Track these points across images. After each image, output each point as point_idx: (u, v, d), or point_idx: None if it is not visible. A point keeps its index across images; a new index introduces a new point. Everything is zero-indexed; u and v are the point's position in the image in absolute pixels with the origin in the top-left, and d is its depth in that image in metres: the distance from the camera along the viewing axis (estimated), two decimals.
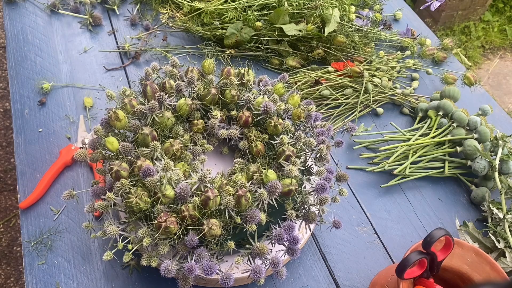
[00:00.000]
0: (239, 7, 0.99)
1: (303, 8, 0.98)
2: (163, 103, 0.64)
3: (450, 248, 0.60)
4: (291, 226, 0.58)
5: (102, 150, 0.61)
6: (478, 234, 0.77)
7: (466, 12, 2.65)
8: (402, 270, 0.56)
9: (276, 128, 0.65)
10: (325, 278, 0.72)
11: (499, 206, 0.79)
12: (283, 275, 0.57)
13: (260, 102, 0.67)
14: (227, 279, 0.54)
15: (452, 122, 0.89)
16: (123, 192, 0.55)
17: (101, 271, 0.68)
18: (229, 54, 1.00)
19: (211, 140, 0.71)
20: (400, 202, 0.84)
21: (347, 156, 0.89)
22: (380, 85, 0.98)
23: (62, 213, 0.73)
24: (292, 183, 0.59)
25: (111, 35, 1.03)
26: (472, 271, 0.64)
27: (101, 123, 0.64)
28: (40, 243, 0.70)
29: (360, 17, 1.12)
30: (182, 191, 0.54)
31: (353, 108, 0.96)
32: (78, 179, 0.77)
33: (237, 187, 0.57)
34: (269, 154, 0.66)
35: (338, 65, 0.99)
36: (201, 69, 0.72)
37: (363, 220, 0.80)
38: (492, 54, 2.64)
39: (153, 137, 0.62)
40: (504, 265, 0.71)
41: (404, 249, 0.77)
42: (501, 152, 0.84)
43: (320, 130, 0.67)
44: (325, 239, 0.76)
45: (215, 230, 0.54)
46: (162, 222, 0.53)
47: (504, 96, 2.39)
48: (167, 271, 0.53)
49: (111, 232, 0.55)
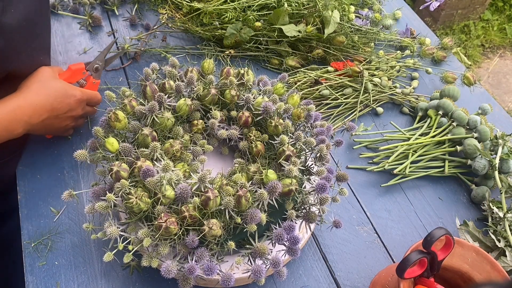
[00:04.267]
0: (239, 8, 0.99)
1: (302, 8, 0.98)
2: (163, 103, 0.64)
3: (451, 248, 0.60)
4: (292, 226, 0.58)
5: (102, 151, 0.61)
6: (479, 233, 0.77)
7: (466, 11, 2.65)
8: (402, 269, 0.56)
9: (276, 128, 0.65)
10: (325, 278, 0.72)
11: (499, 205, 0.79)
12: (283, 275, 0.57)
13: (260, 102, 0.67)
14: (227, 279, 0.54)
15: (452, 121, 0.89)
16: (123, 192, 0.55)
17: (101, 271, 0.68)
18: (228, 54, 1.00)
19: (211, 141, 0.71)
20: (400, 202, 0.84)
21: (347, 156, 0.89)
22: (380, 85, 0.98)
23: (62, 213, 0.73)
24: (292, 183, 0.59)
25: (110, 35, 1.03)
26: (473, 270, 0.64)
27: (100, 124, 0.64)
28: (41, 244, 0.70)
29: (360, 17, 1.12)
30: (182, 192, 0.54)
31: (353, 107, 0.96)
32: (79, 179, 0.77)
33: (237, 187, 0.57)
34: (269, 154, 0.66)
35: (337, 64, 0.99)
36: (200, 70, 0.72)
37: (364, 219, 0.80)
38: (492, 53, 2.64)
39: (153, 137, 0.62)
40: (505, 264, 0.71)
41: (404, 249, 0.77)
42: (501, 151, 0.84)
43: (320, 130, 0.67)
44: (325, 239, 0.76)
45: (216, 230, 0.54)
46: (162, 222, 0.53)
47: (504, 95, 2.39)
48: (168, 272, 0.53)
49: (112, 233, 0.55)
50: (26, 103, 0.66)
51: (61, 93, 0.70)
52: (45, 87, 0.68)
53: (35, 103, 0.67)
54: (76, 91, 0.72)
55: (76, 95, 0.72)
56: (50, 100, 0.69)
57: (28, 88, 0.68)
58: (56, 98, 0.69)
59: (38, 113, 0.67)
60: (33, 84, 0.68)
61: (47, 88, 0.69)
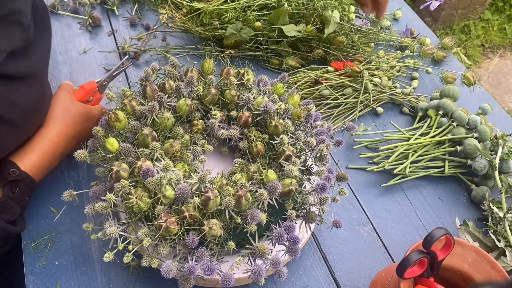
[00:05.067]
0: (239, 8, 0.99)
1: (302, 8, 0.98)
2: (163, 103, 0.64)
3: (451, 248, 0.60)
4: (292, 226, 0.58)
5: (102, 151, 0.61)
6: (479, 233, 0.77)
7: (466, 11, 2.65)
8: (402, 269, 0.56)
9: (276, 128, 0.65)
10: (325, 278, 0.72)
11: (499, 205, 0.79)
12: (283, 275, 0.57)
13: (260, 102, 0.67)
14: (227, 279, 0.54)
15: (452, 121, 0.89)
16: (123, 193, 0.55)
17: (101, 271, 0.68)
18: (228, 54, 1.00)
19: (211, 141, 0.71)
20: (400, 202, 0.84)
21: (347, 156, 0.89)
22: (380, 85, 0.98)
23: (62, 213, 0.73)
24: (292, 183, 0.59)
25: (110, 35, 1.03)
26: (473, 270, 0.64)
27: (100, 124, 0.64)
28: (41, 244, 0.70)
29: (360, 17, 1.12)
30: (182, 192, 0.54)
31: (353, 107, 0.96)
32: (79, 179, 0.77)
33: (237, 187, 0.57)
34: (269, 154, 0.66)
35: (337, 64, 0.99)
36: (200, 70, 0.72)
37: (364, 219, 0.80)
38: (492, 53, 2.64)
39: (153, 137, 0.62)
40: (505, 264, 0.71)
41: (404, 249, 0.77)
42: (501, 151, 0.84)
43: (320, 130, 0.67)
44: (325, 239, 0.76)
45: (216, 230, 0.54)
46: (162, 222, 0.53)
47: (504, 95, 2.39)
48: (168, 272, 0.53)
49: (112, 233, 0.55)
50: (59, 137, 0.69)
51: (84, 118, 0.73)
52: (70, 116, 0.71)
53: (66, 134, 0.70)
54: (94, 112, 0.76)
55: (95, 116, 0.76)
56: (77, 128, 0.72)
57: (56, 121, 0.70)
58: (81, 124, 0.73)
59: (69, 143, 0.71)
60: (59, 115, 0.71)
61: (73, 116, 0.72)
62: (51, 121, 0.70)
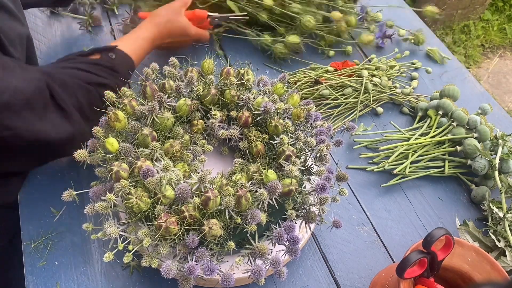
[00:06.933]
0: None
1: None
2: (163, 103, 0.64)
3: (451, 248, 0.60)
4: (291, 226, 0.58)
5: (102, 151, 0.61)
6: (479, 233, 0.77)
7: (466, 11, 2.65)
8: (402, 269, 0.56)
9: (276, 128, 0.65)
10: (325, 278, 0.72)
11: (499, 205, 0.79)
12: (283, 275, 0.57)
13: (260, 102, 0.67)
14: (227, 280, 0.54)
15: (452, 121, 0.89)
16: (123, 193, 0.55)
17: (101, 271, 0.68)
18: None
19: (211, 141, 0.71)
20: (400, 202, 0.84)
21: (347, 156, 0.89)
22: (380, 85, 0.98)
23: (62, 213, 0.73)
24: (292, 183, 0.59)
25: (110, 35, 1.03)
26: (473, 271, 0.64)
27: (100, 124, 0.64)
28: (41, 244, 0.70)
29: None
30: (182, 192, 0.54)
31: (353, 107, 0.96)
32: (79, 179, 0.77)
33: (237, 188, 0.57)
34: (269, 154, 0.66)
35: (337, 64, 0.99)
36: (200, 70, 0.72)
37: (364, 219, 0.80)
38: (491, 53, 2.64)
39: (153, 137, 0.62)
40: (505, 264, 0.71)
41: (404, 249, 0.77)
42: (501, 151, 0.84)
43: (320, 130, 0.67)
44: (325, 239, 0.76)
45: (216, 230, 0.54)
46: (162, 222, 0.53)
47: (504, 95, 2.39)
48: (168, 272, 0.53)
49: (112, 233, 0.55)
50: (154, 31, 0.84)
51: (180, 32, 0.88)
52: (171, 22, 0.86)
53: (160, 31, 0.85)
54: (192, 31, 0.90)
55: (191, 35, 0.90)
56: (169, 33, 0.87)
57: (159, 19, 0.86)
58: (175, 35, 0.88)
59: (160, 37, 0.86)
60: (163, 17, 0.86)
61: (173, 22, 0.87)
62: (155, 17, 0.86)
